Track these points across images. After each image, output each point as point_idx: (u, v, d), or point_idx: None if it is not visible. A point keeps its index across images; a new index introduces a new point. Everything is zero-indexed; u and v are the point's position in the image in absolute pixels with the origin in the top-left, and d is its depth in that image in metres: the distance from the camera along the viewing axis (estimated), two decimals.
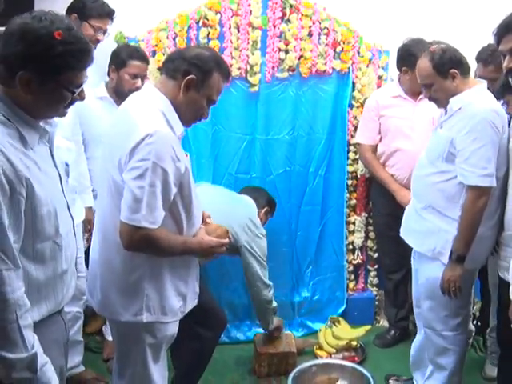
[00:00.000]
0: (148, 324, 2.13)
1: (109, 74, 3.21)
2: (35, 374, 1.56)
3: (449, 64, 2.55)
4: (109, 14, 3.22)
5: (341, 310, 3.96)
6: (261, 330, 3.54)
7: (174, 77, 2.08)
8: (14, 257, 1.51)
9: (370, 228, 3.98)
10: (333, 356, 3.55)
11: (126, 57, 3.10)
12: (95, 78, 3.28)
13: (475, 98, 2.55)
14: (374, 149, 3.66)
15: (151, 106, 2.05)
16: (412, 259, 2.93)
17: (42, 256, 1.63)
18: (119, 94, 3.15)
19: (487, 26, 2.46)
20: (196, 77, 2.06)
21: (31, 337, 1.56)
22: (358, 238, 3.96)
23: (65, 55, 1.52)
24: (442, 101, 2.63)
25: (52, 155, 1.72)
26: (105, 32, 3.23)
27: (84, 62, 1.59)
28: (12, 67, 1.51)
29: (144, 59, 3.16)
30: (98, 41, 3.18)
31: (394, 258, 3.13)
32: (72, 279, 1.81)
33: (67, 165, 1.86)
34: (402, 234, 2.90)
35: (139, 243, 1.99)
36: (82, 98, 1.68)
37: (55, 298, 1.71)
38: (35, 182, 1.55)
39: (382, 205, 3.69)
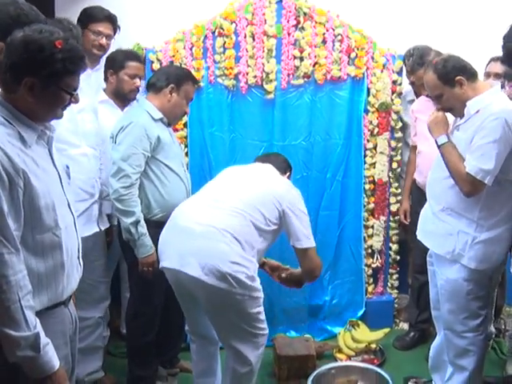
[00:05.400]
0: None
1: (106, 80, 3.29)
2: (38, 353, 1.65)
3: (453, 72, 2.57)
4: (108, 18, 3.28)
5: (360, 313, 3.98)
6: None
7: None
8: (15, 241, 1.62)
9: (393, 232, 4.00)
10: (352, 359, 3.58)
11: (122, 59, 3.20)
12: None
13: (492, 99, 2.55)
14: (415, 150, 3.74)
15: None
16: (428, 262, 2.95)
17: (42, 247, 1.73)
18: (120, 95, 3.25)
19: (501, 30, 2.45)
20: None
21: (33, 317, 1.66)
22: (376, 242, 3.97)
23: (64, 61, 1.68)
24: (457, 109, 2.65)
25: (51, 156, 1.84)
26: (108, 37, 3.27)
27: (79, 67, 1.75)
28: (18, 74, 1.66)
29: (140, 60, 3.28)
30: (101, 45, 3.23)
31: (425, 258, 3.14)
32: (74, 271, 1.88)
33: (68, 167, 1.97)
34: (418, 237, 2.91)
35: None
36: (76, 100, 1.82)
37: (56, 288, 1.78)
38: (32, 175, 1.67)
39: (420, 205, 3.66)
